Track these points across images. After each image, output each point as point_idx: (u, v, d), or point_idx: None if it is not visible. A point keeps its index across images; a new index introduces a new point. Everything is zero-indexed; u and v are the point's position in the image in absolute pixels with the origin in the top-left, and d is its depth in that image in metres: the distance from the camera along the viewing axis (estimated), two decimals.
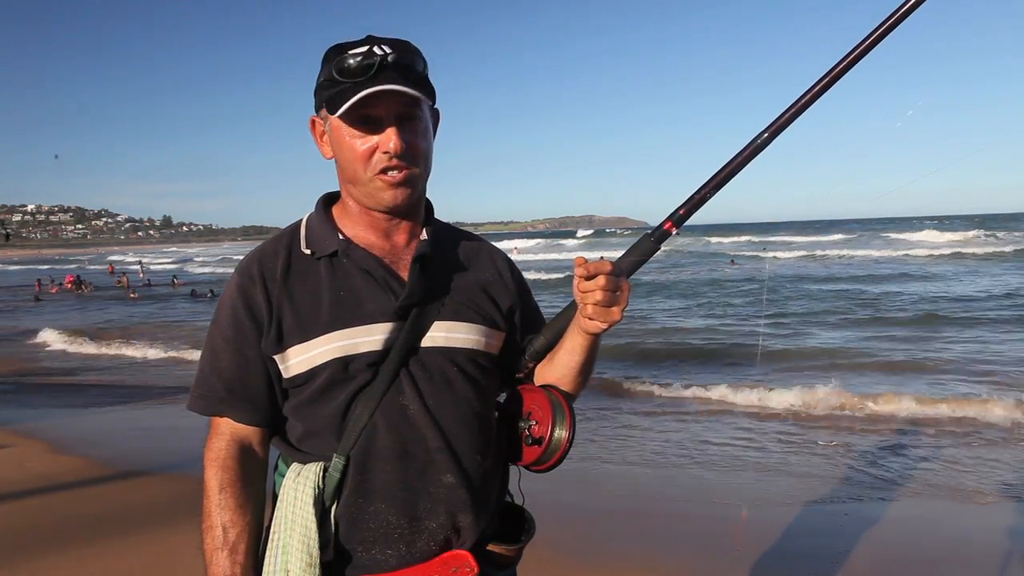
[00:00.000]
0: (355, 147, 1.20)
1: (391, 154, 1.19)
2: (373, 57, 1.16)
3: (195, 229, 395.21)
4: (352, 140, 1.20)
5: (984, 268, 22.66)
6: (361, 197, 1.26)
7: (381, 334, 1.21)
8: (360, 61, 1.16)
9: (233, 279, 1.27)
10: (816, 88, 1.16)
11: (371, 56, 1.16)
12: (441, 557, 1.21)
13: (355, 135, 1.20)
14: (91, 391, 8.52)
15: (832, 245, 39.20)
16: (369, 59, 1.16)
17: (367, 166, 1.21)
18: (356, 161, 1.21)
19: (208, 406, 1.25)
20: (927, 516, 4.08)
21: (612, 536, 3.81)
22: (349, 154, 1.21)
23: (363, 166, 1.21)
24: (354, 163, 1.21)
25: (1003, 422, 5.93)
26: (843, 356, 9.09)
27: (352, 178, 1.24)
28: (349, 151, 1.21)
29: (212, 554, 1.19)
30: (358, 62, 1.16)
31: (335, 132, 1.23)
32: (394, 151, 1.18)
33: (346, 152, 1.22)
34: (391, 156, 1.19)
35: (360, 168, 1.21)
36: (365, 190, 1.23)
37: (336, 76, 1.18)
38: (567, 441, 1.24)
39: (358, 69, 1.16)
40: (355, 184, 1.24)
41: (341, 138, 1.22)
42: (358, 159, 1.21)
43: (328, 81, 1.20)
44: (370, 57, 1.16)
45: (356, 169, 1.22)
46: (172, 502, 4.31)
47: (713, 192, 1.20)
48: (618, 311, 1.16)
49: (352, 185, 1.26)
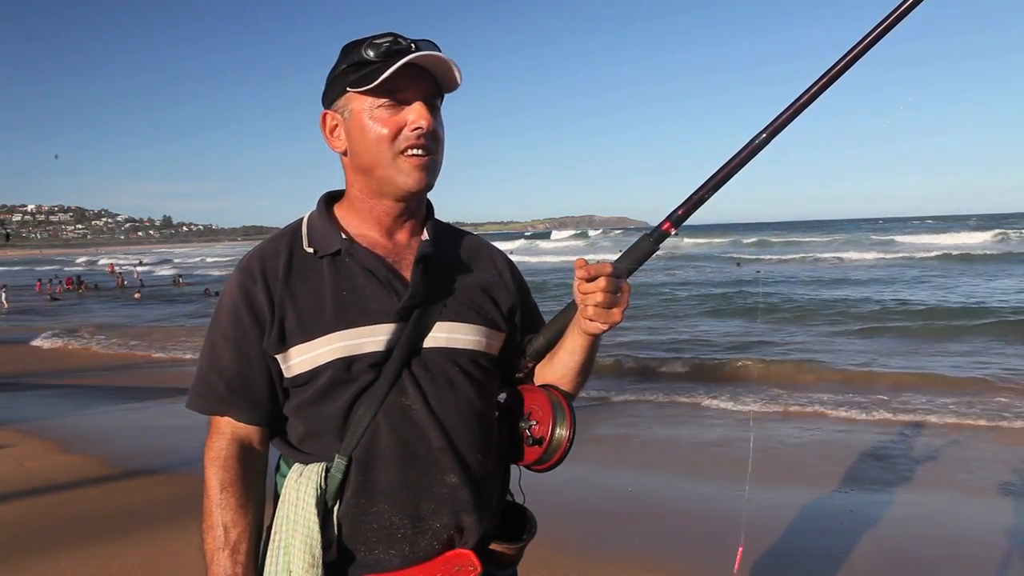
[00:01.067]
0: (382, 125, 1.20)
1: (423, 131, 1.19)
2: (401, 43, 1.19)
3: (195, 229, 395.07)
4: (378, 119, 1.20)
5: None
6: (378, 184, 1.24)
7: (384, 334, 1.21)
8: (390, 45, 1.18)
9: (233, 277, 1.27)
10: (814, 88, 1.16)
11: (399, 42, 1.19)
12: (444, 556, 1.21)
13: (382, 115, 1.20)
14: (107, 390, 8.52)
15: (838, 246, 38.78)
16: (398, 44, 1.19)
17: (392, 146, 1.20)
18: (381, 141, 1.20)
19: (208, 405, 1.24)
20: (927, 516, 4.08)
21: (612, 536, 3.82)
22: (373, 135, 1.21)
23: (388, 145, 1.20)
24: (379, 143, 1.21)
25: (1003, 422, 5.93)
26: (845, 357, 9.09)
27: (371, 163, 1.23)
28: (374, 132, 1.20)
29: (213, 554, 1.19)
30: (389, 46, 1.18)
31: (355, 116, 1.22)
32: (426, 127, 1.19)
33: (370, 134, 1.21)
34: (421, 133, 1.19)
35: (385, 147, 1.20)
36: (385, 173, 1.22)
37: (367, 56, 1.19)
38: (568, 441, 1.24)
39: (392, 50, 1.18)
40: (374, 169, 1.23)
41: (362, 121, 1.21)
42: (384, 139, 1.20)
43: (354, 65, 1.21)
44: (399, 43, 1.19)
45: (381, 149, 1.21)
46: (172, 501, 4.31)
47: (712, 192, 1.20)
48: (618, 312, 1.16)
49: (369, 172, 1.24)
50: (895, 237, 44.80)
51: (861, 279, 21.14)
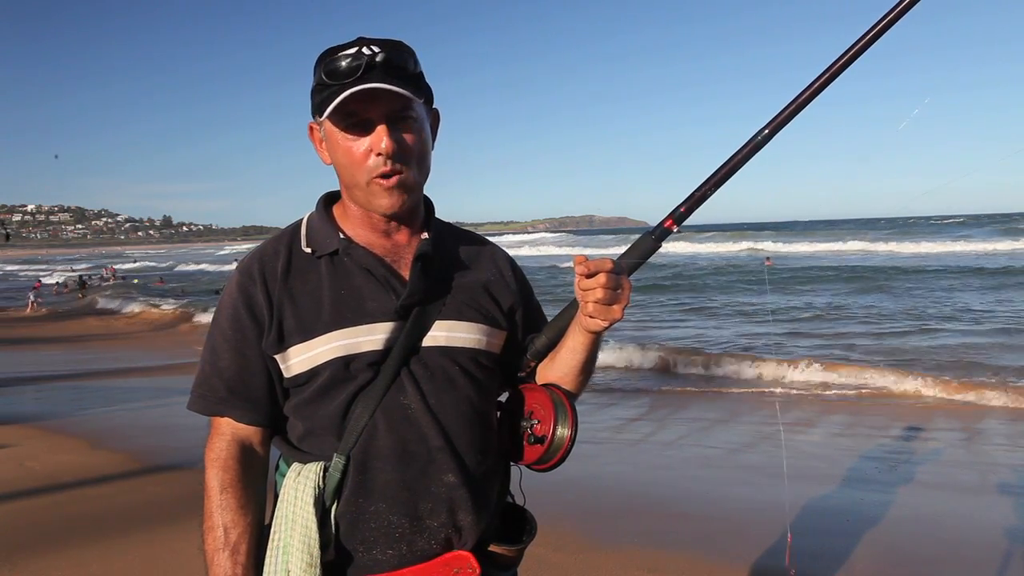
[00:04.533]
0: (349, 151, 1.19)
1: (384, 155, 1.17)
2: (361, 58, 1.15)
3: (195, 229, 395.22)
4: (346, 144, 1.19)
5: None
6: (359, 201, 1.25)
7: (382, 333, 1.21)
8: (349, 63, 1.15)
9: (233, 278, 1.27)
10: (816, 84, 1.15)
11: (359, 57, 1.15)
12: (443, 558, 1.21)
13: (348, 138, 1.19)
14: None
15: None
16: (357, 60, 1.15)
17: (362, 170, 1.20)
18: (352, 165, 1.20)
19: (209, 406, 1.24)
20: (927, 516, 4.08)
21: (612, 536, 3.81)
22: (344, 159, 1.21)
23: (359, 170, 1.20)
24: (350, 167, 1.20)
25: (1003, 421, 5.92)
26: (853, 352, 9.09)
27: (350, 183, 1.23)
28: (344, 155, 1.20)
29: (213, 555, 1.18)
30: (347, 64, 1.15)
31: (330, 137, 1.22)
32: (386, 151, 1.17)
33: (341, 157, 1.21)
34: (384, 158, 1.18)
35: (357, 172, 1.20)
36: (362, 194, 1.22)
37: (325, 79, 1.17)
38: (569, 440, 1.23)
39: (346, 71, 1.15)
40: (353, 189, 1.24)
41: (336, 143, 1.21)
42: (354, 163, 1.20)
43: (319, 85, 1.20)
44: (359, 58, 1.15)
45: (353, 173, 1.21)
46: (174, 501, 4.31)
47: (714, 189, 1.19)
48: (619, 309, 1.15)
49: (350, 189, 1.25)
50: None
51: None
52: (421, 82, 1.23)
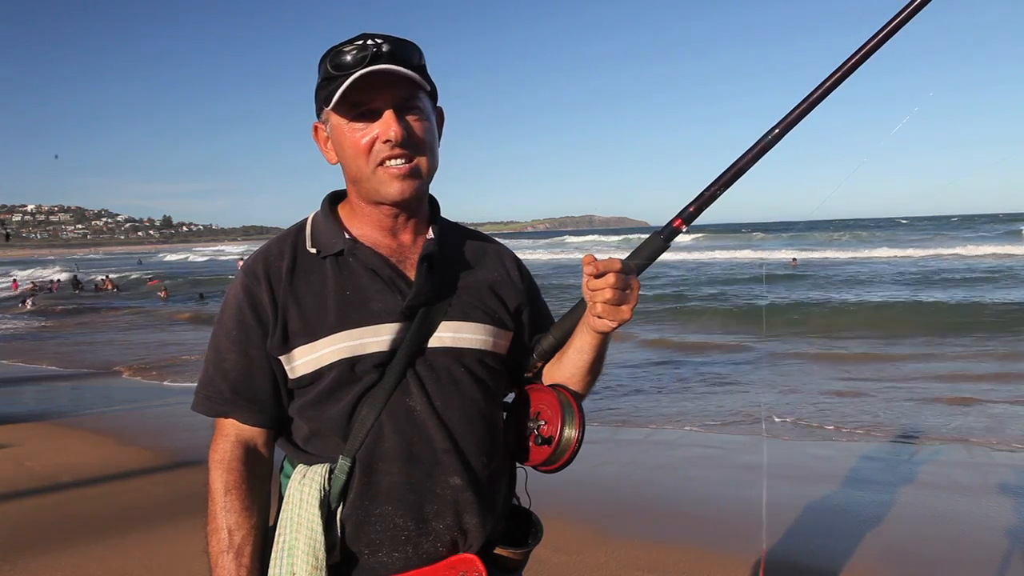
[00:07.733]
0: (356, 140, 1.19)
1: (392, 142, 1.17)
2: (367, 49, 1.16)
3: (195, 229, 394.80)
4: (352, 134, 1.19)
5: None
6: (367, 193, 1.24)
7: (388, 334, 1.20)
8: (356, 54, 1.16)
9: (238, 279, 1.26)
10: (827, 83, 1.14)
11: (365, 48, 1.16)
12: (449, 560, 1.20)
13: (354, 128, 1.19)
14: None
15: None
16: (364, 51, 1.16)
17: (368, 159, 1.19)
18: (358, 156, 1.19)
19: (213, 407, 1.24)
20: (927, 516, 4.07)
21: (612, 536, 3.80)
22: (350, 150, 1.20)
23: (364, 159, 1.19)
24: (356, 158, 1.20)
25: (1003, 421, 5.92)
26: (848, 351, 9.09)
27: (356, 175, 1.22)
28: (350, 146, 1.20)
29: (218, 556, 1.18)
30: (353, 55, 1.16)
31: (335, 131, 1.22)
32: (395, 138, 1.17)
33: (347, 148, 1.20)
34: (392, 144, 1.17)
35: (362, 162, 1.20)
36: (370, 185, 1.21)
37: (331, 71, 1.17)
38: (577, 441, 1.22)
39: (353, 61, 1.16)
40: (360, 181, 1.23)
41: (342, 135, 1.20)
42: (359, 153, 1.19)
43: (325, 79, 1.20)
44: (364, 49, 1.16)
45: (359, 164, 1.20)
46: (174, 500, 4.30)
47: (723, 189, 1.19)
48: (628, 309, 1.14)
49: (357, 183, 1.24)
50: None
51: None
52: (425, 74, 1.22)
